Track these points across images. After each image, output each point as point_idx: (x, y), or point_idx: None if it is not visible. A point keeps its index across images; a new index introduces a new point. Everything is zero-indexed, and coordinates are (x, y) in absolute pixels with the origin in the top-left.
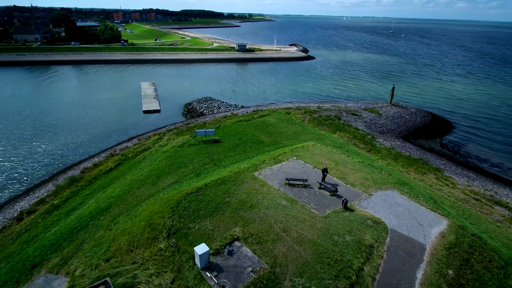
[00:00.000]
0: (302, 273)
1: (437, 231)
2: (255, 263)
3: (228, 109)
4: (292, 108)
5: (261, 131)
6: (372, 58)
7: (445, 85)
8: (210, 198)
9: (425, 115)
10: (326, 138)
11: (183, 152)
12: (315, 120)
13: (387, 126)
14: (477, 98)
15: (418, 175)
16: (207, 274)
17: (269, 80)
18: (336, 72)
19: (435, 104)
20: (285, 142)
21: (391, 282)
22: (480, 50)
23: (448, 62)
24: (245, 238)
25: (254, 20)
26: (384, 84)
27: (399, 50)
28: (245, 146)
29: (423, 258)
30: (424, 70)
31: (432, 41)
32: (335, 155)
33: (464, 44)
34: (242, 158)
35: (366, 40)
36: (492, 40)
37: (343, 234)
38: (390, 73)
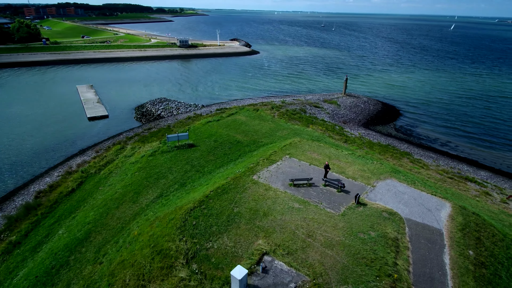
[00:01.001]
0: (345, 279)
1: (445, 214)
2: (295, 277)
3: (189, 110)
4: (258, 104)
5: (235, 130)
6: (313, 52)
7: (382, 74)
8: (217, 210)
9: (376, 103)
10: (302, 132)
11: (157, 161)
12: (285, 115)
13: (348, 115)
14: (411, 85)
15: (395, 160)
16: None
17: (220, 77)
18: (284, 67)
19: (379, 92)
20: (264, 140)
21: (425, 272)
22: (402, 41)
23: (378, 53)
24: (274, 251)
25: (187, 14)
26: (330, 76)
27: (334, 43)
28: (223, 148)
29: (444, 242)
30: (360, 61)
31: (360, 34)
32: (325, 150)
33: (387, 36)
34: (225, 162)
35: (302, 34)
36: (409, 31)
37: (367, 230)
38: (333, 66)
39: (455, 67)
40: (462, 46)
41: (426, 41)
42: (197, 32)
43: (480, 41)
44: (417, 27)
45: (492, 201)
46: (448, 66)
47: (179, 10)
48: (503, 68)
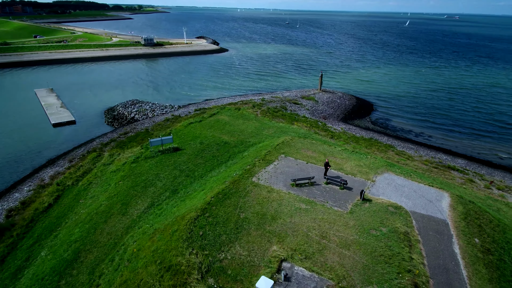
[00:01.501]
0: (369, 279)
1: (446, 204)
2: (319, 282)
3: (165, 111)
4: (238, 103)
5: (220, 131)
6: (282, 49)
7: (350, 70)
8: (223, 218)
9: (350, 98)
10: (288, 130)
11: (142, 168)
12: (267, 113)
13: (326, 111)
14: (379, 80)
15: (382, 153)
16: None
17: (191, 76)
18: (256, 65)
19: (351, 88)
20: (251, 139)
21: (439, 264)
22: (364, 37)
23: (344, 50)
24: (291, 256)
25: (146, 11)
26: (302, 73)
27: (301, 40)
28: (211, 150)
29: (450, 232)
30: (328, 58)
31: (324, 31)
32: (319, 147)
33: (349, 32)
34: (216, 164)
35: (269, 32)
36: (368, 27)
37: (378, 227)
38: (303, 63)
39: (416, 61)
40: (419, 41)
41: (386, 36)
42: (161, 30)
43: (434, 36)
44: (375, 23)
45: (477, 188)
46: (410, 60)
47: (138, 8)
48: (459, 61)
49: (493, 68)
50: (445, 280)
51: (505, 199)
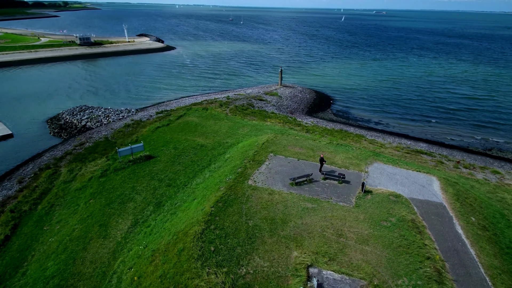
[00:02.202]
0: (397, 272)
1: (437, 188)
2: (352, 284)
3: (122, 116)
4: (203, 103)
5: (192, 133)
6: (233, 46)
7: (302, 65)
8: (231, 228)
9: (310, 92)
10: (262, 127)
11: (114, 182)
12: (237, 111)
13: (291, 106)
14: (330, 73)
15: (357, 143)
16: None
17: (140, 77)
18: (208, 62)
19: (306, 82)
20: (228, 140)
21: (448, 246)
22: (308, 33)
23: (292, 45)
24: (316, 260)
25: (74, 8)
26: (257, 70)
27: (248, 36)
28: (187, 155)
29: (450, 214)
30: (278, 53)
31: (269, 27)
32: (304, 142)
33: (293, 28)
34: (198, 170)
35: (214, 28)
36: (309, 23)
37: (387, 217)
38: (255, 59)
39: (359, 55)
40: (358, 36)
41: (328, 32)
42: (95, 28)
43: (369, 30)
44: (314, 19)
45: (448, 168)
46: (353, 54)
47: (63, 4)
48: (396, 53)
49: (426, 58)
50: (458, 261)
51: (474, 176)
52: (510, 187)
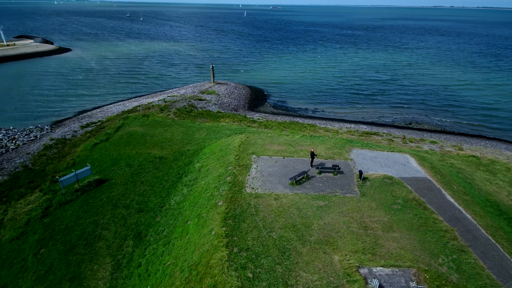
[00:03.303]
0: (433, 252)
1: (416, 164)
2: (404, 274)
3: (33, 136)
4: (139, 109)
5: (143, 146)
6: (140, 45)
7: (222, 60)
8: (257, 247)
9: (244, 87)
10: (219, 128)
11: (65, 221)
12: (181, 114)
13: (232, 103)
14: (253, 67)
15: (316, 133)
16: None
17: (39, 86)
18: (118, 63)
19: (235, 77)
20: (189, 147)
21: (450, 216)
22: (217, 28)
23: (204, 41)
24: (360, 260)
25: None
26: (176, 68)
27: (154, 34)
28: (148, 171)
29: (437, 186)
30: (193, 51)
31: (174, 23)
32: (280, 139)
33: (200, 24)
34: (168, 187)
35: (112, 26)
36: (214, 19)
37: (394, 200)
38: (170, 57)
39: (274, 48)
40: (266, 30)
41: (235, 27)
42: None
43: (274, 25)
44: (218, 14)
45: (399, 144)
46: (268, 48)
47: None
48: (306, 46)
49: (332, 49)
50: (463, 227)
51: (422, 148)
52: (452, 154)
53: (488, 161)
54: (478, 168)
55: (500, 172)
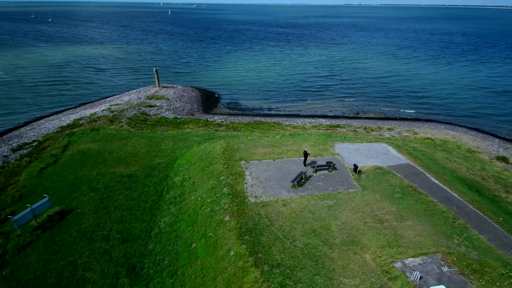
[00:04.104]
0: (446, 234)
1: (395, 152)
2: (434, 260)
3: None
4: (82, 122)
5: (103, 164)
6: (56, 49)
7: (163, 63)
8: (287, 260)
9: (192, 89)
10: (186, 136)
11: (31, 269)
12: (137, 124)
13: (186, 106)
14: (197, 69)
15: (285, 131)
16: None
17: None
18: (33, 73)
19: (179, 80)
20: (158, 160)
21: (441, 197)
22: (144, 28)
23: (134, 42)
24: (391, 254)
25: None
26: (110, 74)
27: (70, 36)
28: (119, 193)
29: (421, 171)
30: (120, 53)
31: (90, 23)
32: (261, 141)
33: (124, 24)
34: (149, 208)
35: (15, 29)
36: (138, 18)
37: (394, 189)
38: (96, 62)
39: (210, 48)
40: (197, 29)
41: (165, 26)
42: None
43: (203, 24)
44: (139, 14)
45: (363, 134)
46: (204, 47)
47: None
48: (243, 44)
49: (269, 47)
50: (456, 204)
51: (384, 135)
52: (410, 138)
53: (441, 142)
54: (436, 148)
55: (453, 150)
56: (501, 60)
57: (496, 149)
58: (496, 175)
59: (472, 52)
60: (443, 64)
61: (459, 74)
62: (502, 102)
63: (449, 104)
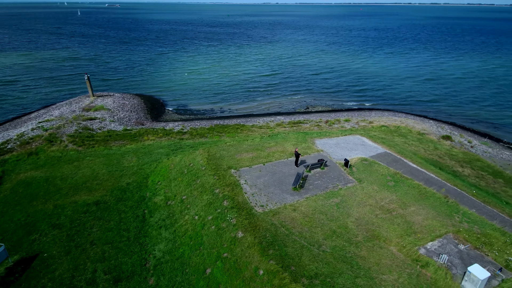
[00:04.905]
0: (446, 213)
1: (370, 142)
2: (450, 240)
3: None
4: (12, 147)
5: (58, 194)
6: None
7: (88, 69)
8: (323, 267)
9: (133, 96)
10: (150, 149)
11: None
12: (85, 141)
13: (132, 116)
14: (130, 73)
15: (253, 133)
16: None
17: None
18: None
19: (113, 86)
20: (127, 180)
21: (422, 179)
22: (50, 31)
23: (42, 48)
24: (412, 242)
25: None
26: (26, 85)
27: None
28: (93, 225)
29: (398, 157)
30: (24, 59)
31: None
32: (242, 146)
33: (26, 27)
34: (134, 237)
35: None
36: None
37: (385, 179)
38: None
39: (137, 50)
40: (119, 30)
41: (77, 28)
42: None
43: (123, 24)
44: (42, 14)
45: (327, 128)
46: (130, 50)
47: None
48: (176, 46)
49: (203, 47)
50: (437, 185)
51: (345, 127)
52: (368, 127)
53: (395, 128)
54: (393, 134)
55: (407, 134)
56: (413, 52)
57: (436, 129)
58: (448, 153)
59: (387, 46)
60: (367, 57)
61: (384, 66)
62: (427, 88)
63: (384, 94)
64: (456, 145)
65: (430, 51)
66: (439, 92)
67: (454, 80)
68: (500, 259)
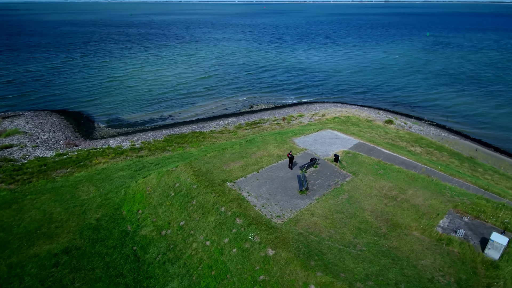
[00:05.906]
0: (442, 191)
1: (343, 134)
2: (454, 215)
3: None
4: None
5: (9, 251)
6: None
7: None
8: (366, 267)
9: (50, 113)
10: (108, 175)
11: None
12: (15, 175)
13: (58, 137)
14: (34, 85)
15: (215, 140)
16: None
17: None
18: None
19: (19, 103)
20: (95, 215)
21: (398, 162)
22: None
23: None
24: (427, 224)
25: None
26: None
27: None
28: (74, 281)
29: (371, 146)
30: None
31: None
32: (225, 156)
33: None
34: (133, 280)
35: None
36: None
37: (375, 168)
38: None
39: (35, 58)
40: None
41: None
42: None
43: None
44: None
45: (287, 126)
46: (25, 59)
47: None
48: (89, 49)
49: (123, 50)
50: (414, 167)
51: (304, 122)
52: (323, 120)
53: (345, 118)
54: (347, 124)
55: (359, 123)
56: (329, 47)
57: (376, 116)
58: (397, 135)
59: (304, 42)
60: (287, 53)
61: (310, 62)
62: (353, 80)
63: (319, 88)
64: (399, 128)
65: (343, 45)
66: (364, 82)
67: (370, 71)
68: (498, 223)
